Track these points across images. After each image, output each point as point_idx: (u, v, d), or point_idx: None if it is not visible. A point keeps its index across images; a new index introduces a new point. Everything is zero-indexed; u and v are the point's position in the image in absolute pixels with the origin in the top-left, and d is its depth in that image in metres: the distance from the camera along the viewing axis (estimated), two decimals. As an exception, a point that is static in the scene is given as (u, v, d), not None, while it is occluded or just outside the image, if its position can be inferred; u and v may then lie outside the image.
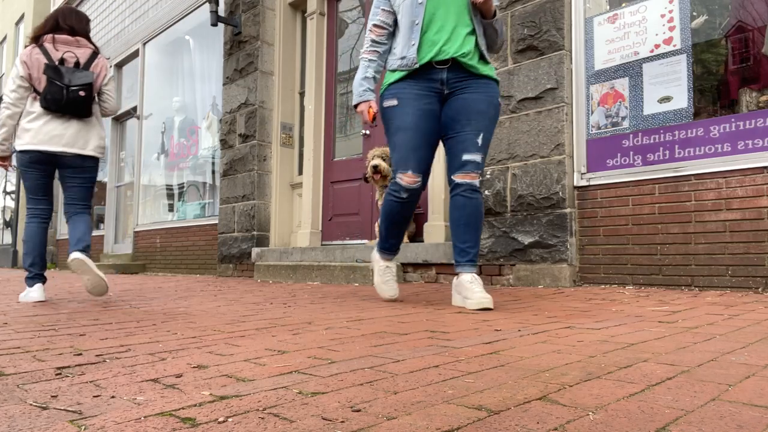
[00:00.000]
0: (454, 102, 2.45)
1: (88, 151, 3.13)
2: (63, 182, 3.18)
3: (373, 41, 2.53)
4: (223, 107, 6.36)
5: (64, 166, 3.12)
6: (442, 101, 2.49)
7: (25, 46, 3.10)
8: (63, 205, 3.22)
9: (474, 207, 2.44)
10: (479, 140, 2.42)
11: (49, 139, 3.00)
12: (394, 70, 2.47)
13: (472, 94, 2.43)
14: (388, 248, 2.69)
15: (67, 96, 2.97)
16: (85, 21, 3.26)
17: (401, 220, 2.59)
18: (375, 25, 2.51)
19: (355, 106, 2.55)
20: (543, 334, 1.67)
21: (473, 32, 2.42)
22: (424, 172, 2.49)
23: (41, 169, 3.07)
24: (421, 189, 2.51)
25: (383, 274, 2.71)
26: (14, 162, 3.24)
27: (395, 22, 2.51)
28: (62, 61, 3.04)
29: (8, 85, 3.05)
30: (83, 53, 3.13)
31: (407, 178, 2.44)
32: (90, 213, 3.21)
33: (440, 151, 4.36)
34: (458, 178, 2.44)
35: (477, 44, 2.43)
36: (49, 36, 3.07)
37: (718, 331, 1.63)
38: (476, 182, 2.44)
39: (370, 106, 2.52)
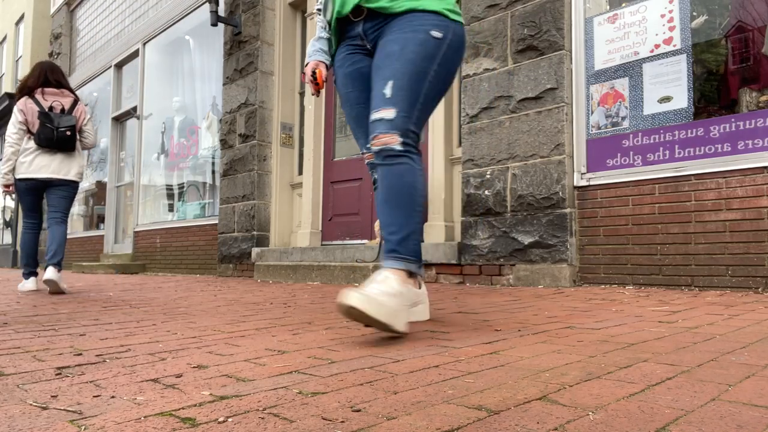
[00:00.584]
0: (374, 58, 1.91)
1: (70, 177, 3.98)
2: (48, 197, 3.98)
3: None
4: (223, 107, 6.36)
5: (51, 186, 3.96)
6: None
7: (17, 96, 3.95)
8: (47, 213, 4.02)
9: (395, 177, 1.77)
10: (387, 90, 1.79)
11: (39, 168, 3.86)
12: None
13: (384, 38, 1.88)
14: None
15: (57, 135, 3.82)
16: (65, 75, 4.14)
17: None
18: None
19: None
20: (543, 334, 1.67)
21: None
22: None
23: (33, 193, 3.94)
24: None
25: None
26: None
27: None
28: (51, 108, 3.88)
29: (10, 129, 3.87)
30: (67, 101, 3.99)
31: (367, 159, 2.01)
32: (66, 223, 4.01)
33: (436, 143, 4.36)
34: (372, 146, 1.81)
35: None
36: (39, 89, 3.91)
37: (718, 331, 1.63)
38: (394, 145, 1.75)
39: (317, 67, 2.06)
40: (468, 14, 4.03)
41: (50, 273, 3.61)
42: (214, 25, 5.98)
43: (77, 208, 10.40)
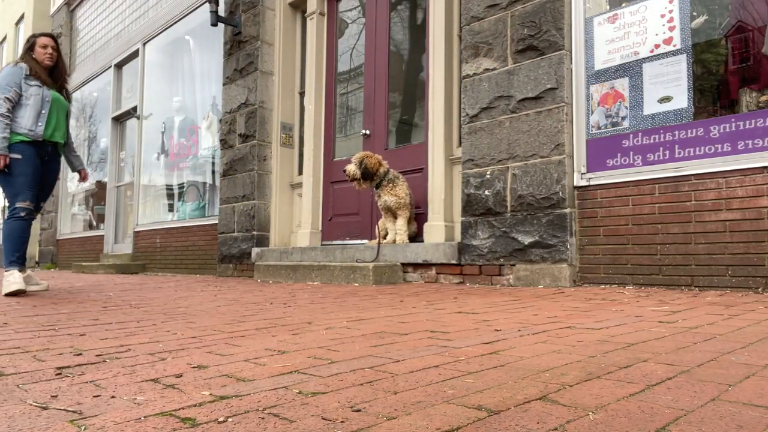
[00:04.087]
0: (46, 166, 3.98)
1: None
2: None
3: (7, 111, 3.74)
4: (223, 107, 6.36)
5: None
6: (43, 163, 3.93)
7: None
8: None
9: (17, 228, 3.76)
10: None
11: None
12: (19, 134, 3.75)
13: (52, 164, 4.05)
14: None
15: None
16: None
17: (25, 235, 3.78)
18: (6, 98, 3.73)
19: None
20: (543, 334, 1.67)
21: (67, 130, 4.15)
22: (37, 201, 3.90)
23: None
24: (35, 210, 3.85)
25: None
26: None
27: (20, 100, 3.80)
28: None
29: None
30: None
31: (26, 204, 3.73)
32: None
33: (436, 143, 4.37)
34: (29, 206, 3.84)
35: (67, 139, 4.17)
36: None
37: (718, 331, 1.63)
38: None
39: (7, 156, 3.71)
40: (468, 14, 4.03)
41: None
42: (214, 25, 5.97)
43: (77, 208, 10.40)
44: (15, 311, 2.57)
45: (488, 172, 3.82)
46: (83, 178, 4.32)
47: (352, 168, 4.46)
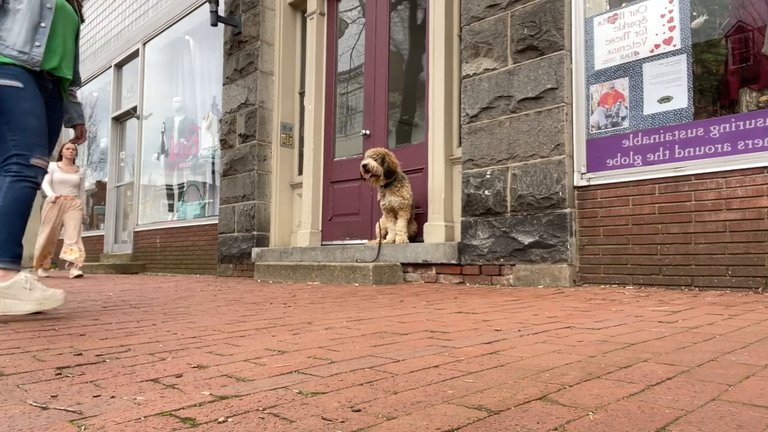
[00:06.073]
0: (49, 113, 2.50)
1: None
2: None
3: None
4: (223, 107, 6.36)
5: None
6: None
7: None
8: None
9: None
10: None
11: None
12: (3, 55, 2.29)
13: (54, 112, 2.55)
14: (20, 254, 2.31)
15: None
16: None
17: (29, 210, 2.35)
18: None
19: None
20: (543, 334, 1.67)
21: (76, 60, 2.66)
22: None
23: None
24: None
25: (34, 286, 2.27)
26: None
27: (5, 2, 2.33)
28: None
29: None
30: None
31: (43, 162, 2.36)
32: None
33: (436, 143, 4.37)
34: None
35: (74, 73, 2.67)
36: None
37: (718, 331, 1.63)
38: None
39: None
40: (468, 14, 4.03)
41: None
42: (214, 25, 5.98)
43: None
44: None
45: (488, 172, 3.81)
46: (80, 136, 2.89)
47: (374, 164, 4.29)
